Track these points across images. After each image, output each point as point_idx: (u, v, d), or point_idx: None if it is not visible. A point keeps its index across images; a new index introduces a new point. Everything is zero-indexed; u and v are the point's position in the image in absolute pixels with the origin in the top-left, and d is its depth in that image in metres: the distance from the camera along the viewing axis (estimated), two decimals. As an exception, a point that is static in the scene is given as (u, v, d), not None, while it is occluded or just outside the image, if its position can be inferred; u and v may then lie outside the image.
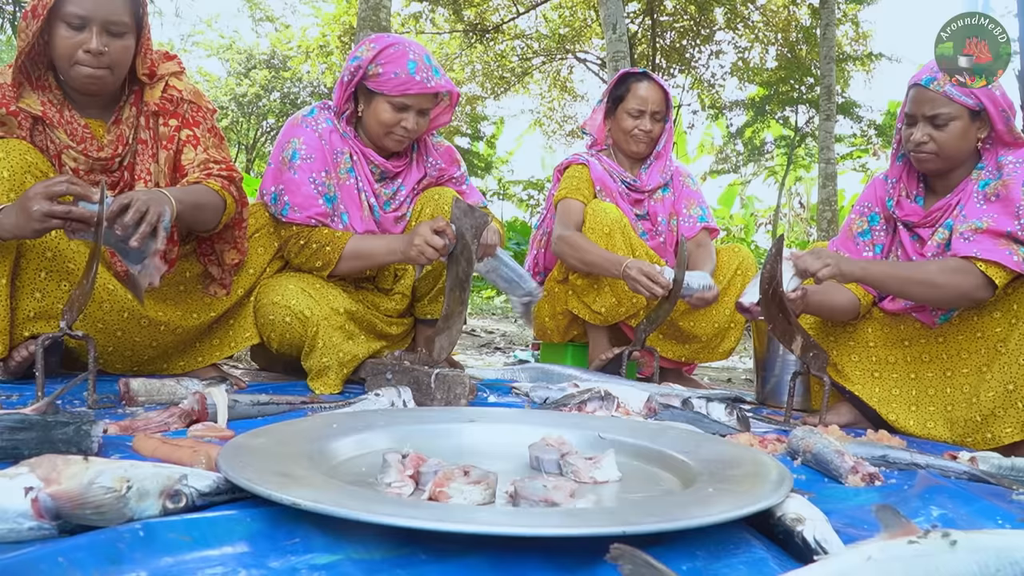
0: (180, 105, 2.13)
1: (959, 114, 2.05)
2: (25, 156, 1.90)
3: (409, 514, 0.92)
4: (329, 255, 2.32)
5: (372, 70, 2.33)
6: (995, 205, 2.02)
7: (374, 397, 1.89)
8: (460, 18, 14.22)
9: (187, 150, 2.12)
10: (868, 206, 2.34)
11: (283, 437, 1.34)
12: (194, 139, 2.13)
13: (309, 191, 2.35)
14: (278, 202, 2.36)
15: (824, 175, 8.79)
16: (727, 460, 1.31)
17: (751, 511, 1.02)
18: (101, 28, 1.90)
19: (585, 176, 2.88)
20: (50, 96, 2.01)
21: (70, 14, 1.88)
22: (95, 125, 2.07)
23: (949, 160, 2.11)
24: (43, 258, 1.99)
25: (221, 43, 19.64)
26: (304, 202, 2.34)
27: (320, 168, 2.36)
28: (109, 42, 1.93)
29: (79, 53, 1.91)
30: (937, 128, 2.07)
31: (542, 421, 1.62)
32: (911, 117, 2.12)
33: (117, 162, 2.08)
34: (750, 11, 14.13)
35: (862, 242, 2.32)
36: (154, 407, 1.73)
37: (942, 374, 2.14)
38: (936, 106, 2.05)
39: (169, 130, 2.11)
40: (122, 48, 1.96)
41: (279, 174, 2.37)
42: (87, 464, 0.98)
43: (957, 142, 2.07)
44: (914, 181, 2.23)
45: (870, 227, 2.32)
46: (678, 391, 2.30)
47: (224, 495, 1.06)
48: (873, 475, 1.47)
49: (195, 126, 2.15)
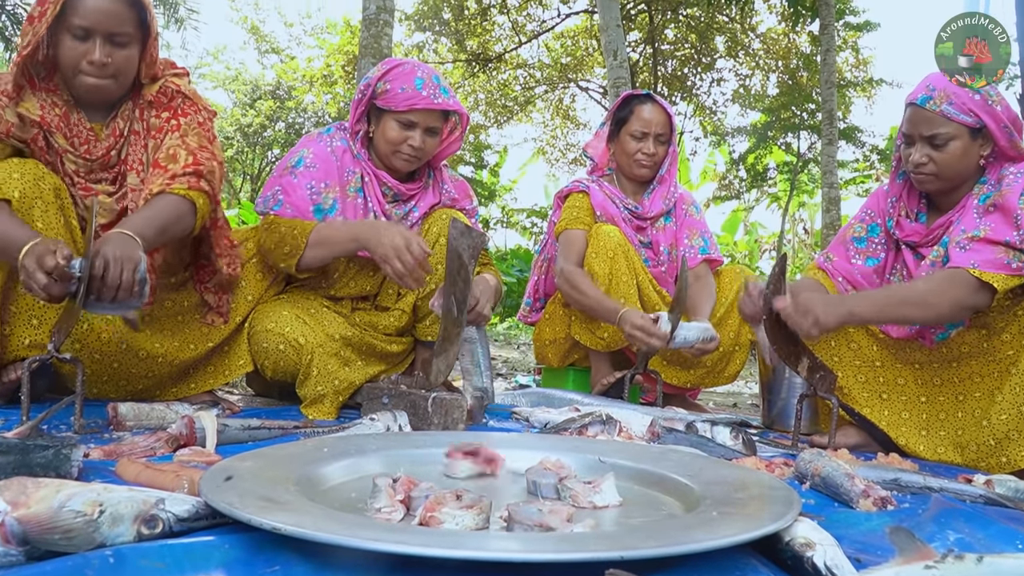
0: (175, 99, 2.10)
1: (958, 133, 1.99)
2: (40, 181, 1.88)
3: (396, 539, 0.88)
4: (296, 239, 2.25)
5: (380, 87, 2.33)
6: (993, 215, 1.96)
7: (369, 422, 1.85)
8: (463, 48, 14.34)
9: (168, 137, 2.05)
10: (871, 214, 2.28)
11: (270, 461, 1.30)
12: (176, 127, 2.06)
13: (303, 195, 2.32)
14: (271, 200, 2.34)
15: (828, 199, 8.77)
16: (732, 483, 1.26)
17: (758, 535, 0.96)
18: (104, 39, 1.90)
19: (585, 204, 2.84)
20: (55, 99, 2.00)
21: (74, 25, 1.88)
22: (99, 128, 2.06)
23: (949, 180, 2.05)
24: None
25: (227, 75, 19.84)
26: (297, 203, 2.31)
27: (321, 178, 2.34)
28: (112, 52, 1.92)
29: (83, 63, 1.91)
30: (936, 148, 2.00)
31: (540, 445, 1.57)
32: (909, 137, 2.06)
33: (114, 156, 2.06)
34: (750, 39, 14.24)
35: (855, 249, 2.26)
36: (142, 432, 1.68)
37: (953, 397, 2.08)
38: (934, 126, 1.99)
39: (160, 121, 2.07)
40: (125, 58, 1.96)
41: (278, 178, 2.36)
42: (58, 487, 0.93)
43: (957, 162, 2.01)
44: (915, 199, 2.18)
45: (867, 236, 2.26)
46: (682, 415, 2.24)
47: (204, 521, 1.01)
48: (885, 499, 1.41)
49: (183, 116, 2.08)
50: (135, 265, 1.68)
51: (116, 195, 2.05)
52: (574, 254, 2.74)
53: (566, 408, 2.21)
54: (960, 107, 1.97)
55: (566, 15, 14.55)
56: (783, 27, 13.72)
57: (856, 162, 14.94)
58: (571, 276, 2.67)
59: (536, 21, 14.83)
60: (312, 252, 2.25)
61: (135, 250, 1.70)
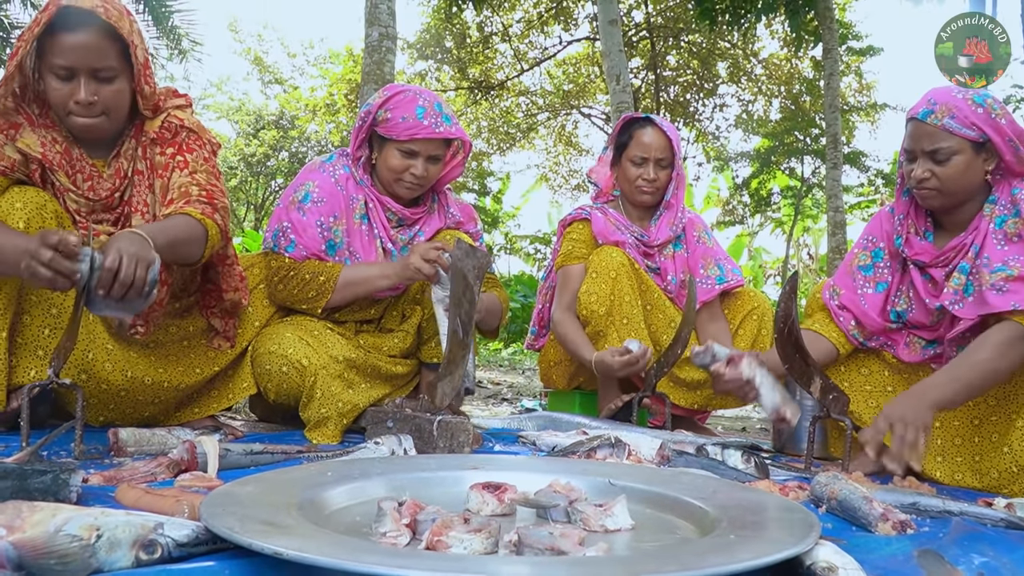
0: (179, 134, 2.04)
1: (961, 148, 1.94)
2: (42, 210, 1.85)
3: (402, 563, 0.84)
4: (324, 284, 2.28)
5: (381, 115, 2.31)
6: (1018, 246, 1.92)
7: (374, 446, 1.82)
8: (465, 76, 14.45)
9: (175, 175, 2.01)
10: (872, 240, 2.23)
11: (273, 485, 1.27)
12: (183, 164, 2.01)
13: (314, 234, 2.31)
14: (282, 238, 2.32)
15: (833, 224, 8.75)
16: (748, 506, 1.22)
17: (779, 558, 0.93)
18: (88, 76, 1.83)
19: (585, 235, 2.80)
20: (54, 135, 1.94)
21: (56, 65, 1.82)
22: (101, 165, 2.01)
23: (954, 196, 2.00)
24: (48, 315, 1.93)
25: (231, 105, 20.01)
26: (309, 243, 2.31)
27: (329, 213, 2.33)
28: (98, 89, 1.86)
29: (70, 104, 1.85)
30: (938, 163, 1.96)
31: (549, 468, 1.54)
32: (910, 153, 2.02)
33: (117, 198, 2.02)
34: (753, 64, 14.32)
35: (863, 277, 2.21)
36: (143, 457, 1.65)
37: (969, 422, 2.03)
38: (935, 140, 1.95)
39: (165, 158, 2.01)
40: (114, 93, 1.89)
41: (286, 213, 2.34)
42: (54, 511, 0.90)
43: (960, 177, 1.96)
44: (922, 217, 2.13)
45: (873, 263, 2.21)
46: (692, 438, 2.21)
47: (204, 546, 0.98)
48: (905, 523, 1.37)
49: (188, 152, 2.04)
50: (149, 264, 1.61)
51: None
52: (568, 294, 2.72)
53: (573, 431, 2.17)
54: (962, 120, 1.93)
55: (568, 42, 14.67)
56: (785, 52, 13.80)
57: (861, 186, 14.95)
58: (559, 327, 2.72)
59: (538, 48, 14.96)
60: (341, 294, 2.30)
61: (149, 250, 1.64)
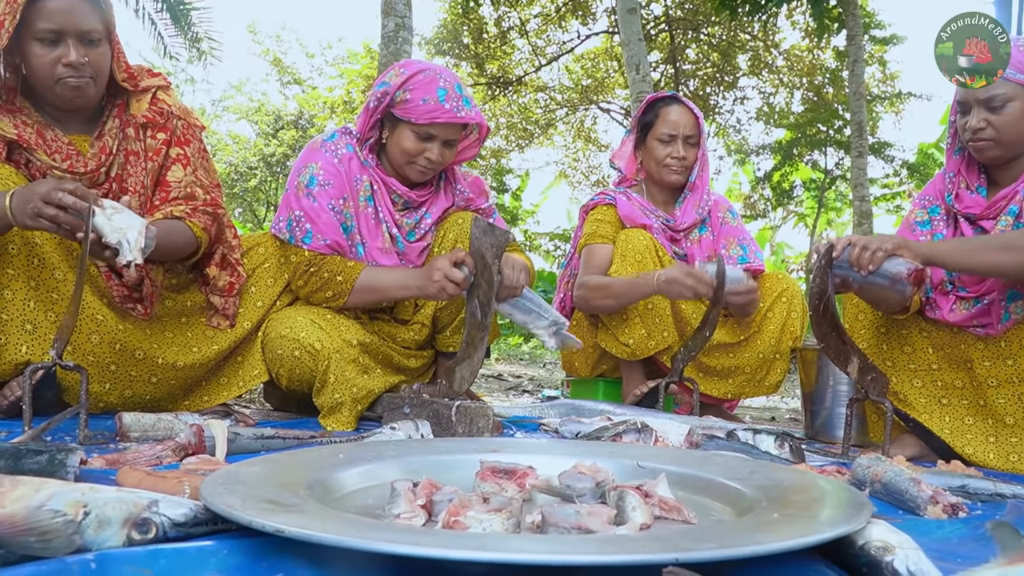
0: (170, 120, 2.09)
1: (1016, 94, 1.88)
2: (7, 181, 1.81)
3: (414, 540, 0.76)
4: (341, 286, 2.19)
5: (400, 96, 2.20)
6: None
7: (390, 431, 1.74)
8: (482, 71, 14.36)
9: (175, 168, 2.08)
10: (929, 199, 2.16)
11: (281, 467, 1.19)
12: (184, 158, 2.09)
13: (329, 219, 2.22)
14: (297, 228, 2.23)
15: (859, 214, 8.56)
16: (791, 485, 1.13)
17: (831, 536, 0.84)
18: (77, 39, 1.86)
19: (611, 216, 2.72)
20: (24, 119, 1.94)
21: (43, 30, 1.83)
22: (79, 141, 2.01)
23: (1011, 146, 1.92)
24: (28, 287, 1.87)
25: (250, 106, 20.06)
26: (326, 229, 2.22)
27: (338, 195, 2.24)
28: (87, 52, 1.89)
29: (59, 68, 1.86)
30: (993, 111, 1.89)
31: (573, 451, 1.45)
32: (964, 104, 1.95)
33: (103, 173, 2.01)
34: (774, 56, 14.12)
35: (920, 231, 2.13)
36: (148, 442, 1.58)
37: (1016, 399, 1.93)
38: (989, 88, 1.88)
39: (156, 143, 2.07)
40: (100, 56, 1.93)
41: (296, 200, 2.24)
42: (38, 486, 0.84)
43: (1017, 124, 1.89)
44: (974, 173, 2.05)
45: (930, 218, 2.13)
46: (721, 423, 2.11)
47: (203, 526, 0.91)
48: (956, 505, 1.28)
49: (186, 144, 2.11)
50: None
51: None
52: (596, 267, 2.62)
53: (598, 418, 2.09)
54: (1017, 66, 1.86)
55: (586, 36, 14.53)
56: (807, 43, 13.59)
57: (886, 177, 14.68)
58: (590, 281, 2.57)
59: (556, 43, 14.84)
60: (358, 297, 2.22)
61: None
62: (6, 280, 1.85)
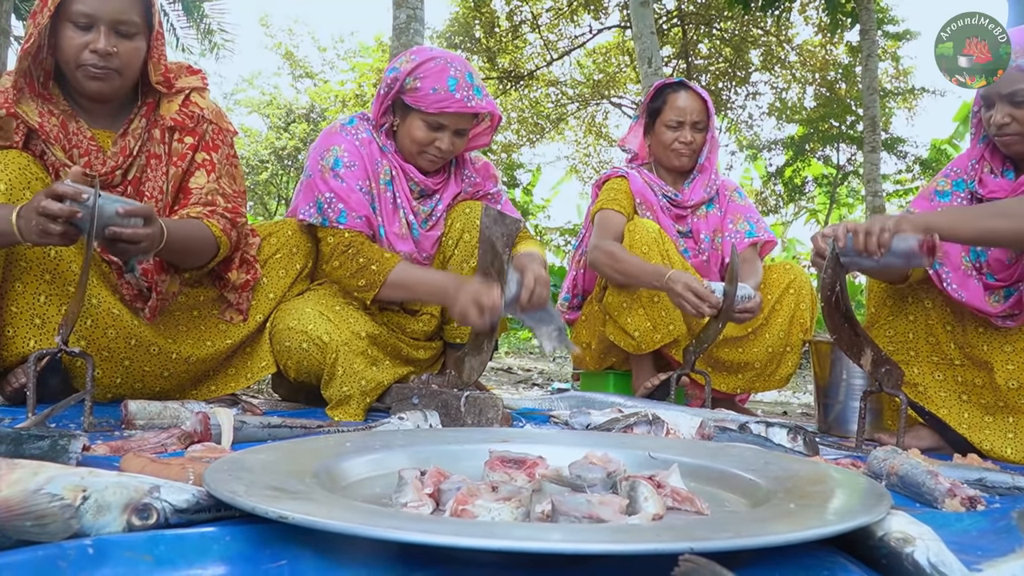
0: (200, 124, 2.01)
1: None
2: (25, 170, 1.79)
3: (421, 528, 0.74)
4: (375, 275, 2.14)
5: (410, 83, 2.16)
6: None
7: (398, 421, 1.72)
8: (494, 66, 14.33)
9: (199, 174, 1.99)
10: (957, 171, 2.10)
11: (286, 454, 1.17)
12: (209, 164, 2.01)
13: (360, 198, 2.19)
14: (329, 209, 2.18)
15: (872, 208, 8.49)
16: (807, 476, 1.11)
17: (850, 527, 0.82)
18: (109, 28, 1.80)
19: (624, 188, 2.72)
20: (52, 107, 1.89)
21: (76, 12, 1.78)
22: (103, 136, 1.95)
23: None
24: (41, 281, 1.84)
25: (262, 99, 20.12)
26: (358, 207, 2.18)
27: (363, 176, 2.21)
28: (118, 43, 1.82)
29: (85, 54, 1.80)
30: (1017, 106, 1.85)
31: (584, 442, 1.43)
32: (987, 99, 1.92)
33: (119, 175, 1.94)
34: (786, 51, 14.03)
35: (939, 202, 2.08)
36: (154, 429, 1.57)
37: None
38: (1013, 82, 1.84)
39: (183, 147, 1.99)
40: (132, 50, 1.85)
41: (323, 182, 2.19)
42: (36, 470, 0.82)
43: None
44: (999, 159, 2.01)
45: (952, 191, 2.08)
46: (734, 416, 2.08)
47: (206, 513, 0.89)
48: (974, 499, 1.25)
49: (213, 150, 2.02)
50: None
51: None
52: (611, 233, 2.59)
53: (609, 410, 2.06)
54: None
55: (598, 31, 14.48)
56: (820, 38, 13.50)
57: (899, 173, 14.58)
58: (607, 247, 2.53)
59: (567, 38, 14.79)
60: (388, 292, 2.17)
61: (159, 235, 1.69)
62: (18, 272, 1.82)
